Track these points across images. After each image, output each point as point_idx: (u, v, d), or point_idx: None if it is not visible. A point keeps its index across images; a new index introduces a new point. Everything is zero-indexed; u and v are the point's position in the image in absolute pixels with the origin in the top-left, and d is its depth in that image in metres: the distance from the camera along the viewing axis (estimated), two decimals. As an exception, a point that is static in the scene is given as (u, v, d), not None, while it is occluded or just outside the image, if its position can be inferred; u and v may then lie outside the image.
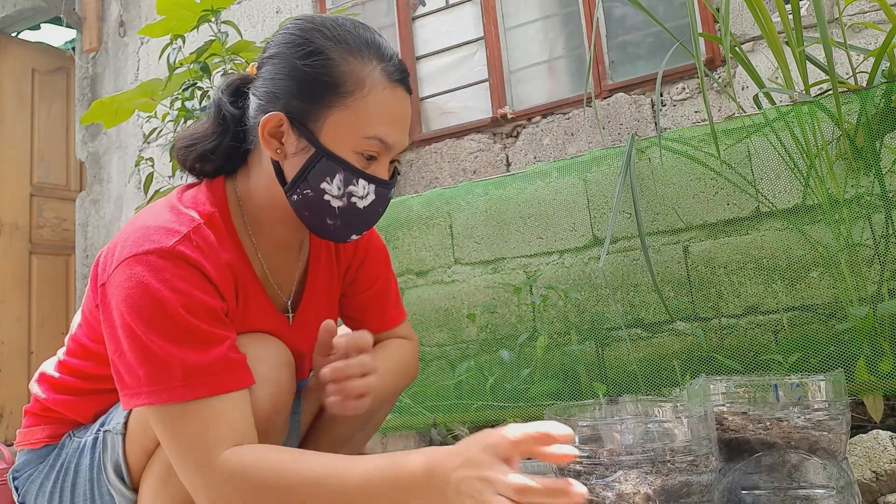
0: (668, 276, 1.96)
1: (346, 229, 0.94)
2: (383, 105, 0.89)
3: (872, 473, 1.34)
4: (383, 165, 0.92)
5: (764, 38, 1.82)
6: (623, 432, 0.94)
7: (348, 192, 0.90)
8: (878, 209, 1.69)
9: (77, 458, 0.99)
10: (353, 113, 0.88)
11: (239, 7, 3.44)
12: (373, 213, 0.94)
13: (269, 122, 0.90)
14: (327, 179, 0.89)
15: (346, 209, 0.91)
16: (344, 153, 0.89)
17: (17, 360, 3.91)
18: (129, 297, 0.82)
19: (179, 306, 0.82)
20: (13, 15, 4.12)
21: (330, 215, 0.92)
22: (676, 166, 1.96)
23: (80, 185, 4.26)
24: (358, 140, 0.88)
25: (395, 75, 0.91)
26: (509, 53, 2.97)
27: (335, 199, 0.90)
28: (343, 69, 0.88)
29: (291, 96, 0.89)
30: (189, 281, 0.84)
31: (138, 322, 0.81)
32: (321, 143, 0.88)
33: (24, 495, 1.04)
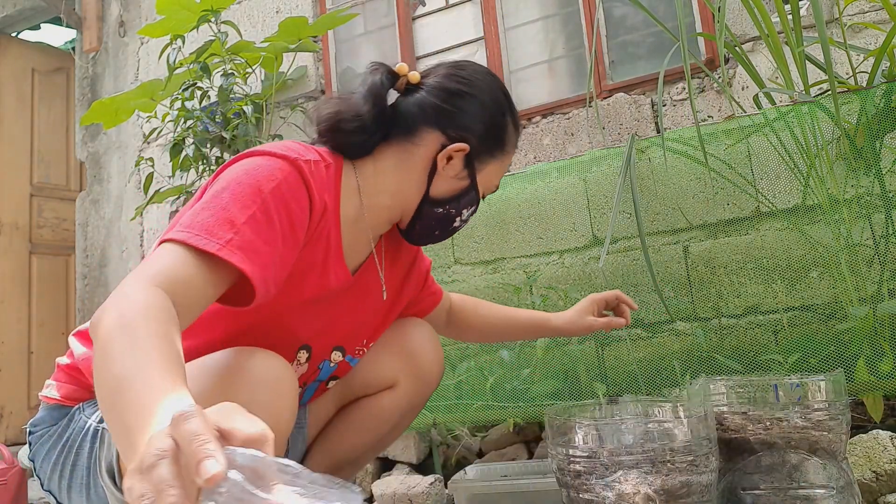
0: (668, 276, 1.96)
1: (434, 238, 1.14)
2: (507, 166, 1.15)
3: (872, 473, 1.34)
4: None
5: (762, 38, 1.82)
6: (623, 432, 0.94)
7: (466, 219, 1.14)
8: (878, 209, 1.69)
9: (80, 440, 0.96)
10: (500, 166, 1.12)
11: (239, 7, 3.44)
12: (453, 231, 1.15)
13: (456, 147, 1.05)
14: (468, 208, 1.11)
15: (454, 229, 1.14)
16: (482, 191, 1.12)
17: (17, 360, 3.91)
18: (237, 174, 0.89)
19: (277, 201, 0.87)
20: (13, 15, 4.12)
21: (443, 231, 1.13)
22: (676, 166, 1.96)
23: (80, 185, 4.26)
24: (491, 186, 1.13)
25: (515, 147, 1.16)
26: (509, 53, 2.96)
27: (458, 219, 1.12)
28: (511, 133, 1.11)
29: (479, 138, 1.07)
30: (295, 190, 0.91)
31: (236, 189, 0.85)
32: (476, 180, 1.09)
33: (34, 453, 1.03)
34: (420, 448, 2.16)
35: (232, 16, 3.35)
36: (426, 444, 2.13)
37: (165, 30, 2.58)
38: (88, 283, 3.83)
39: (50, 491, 1.03)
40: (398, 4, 3.17)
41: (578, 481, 0.93)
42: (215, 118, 2.58)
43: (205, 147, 2.61)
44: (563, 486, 0.99)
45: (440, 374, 1.27)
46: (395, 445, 2.14)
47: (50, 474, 1.01)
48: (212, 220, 0.81)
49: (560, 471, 0.98)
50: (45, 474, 1.02)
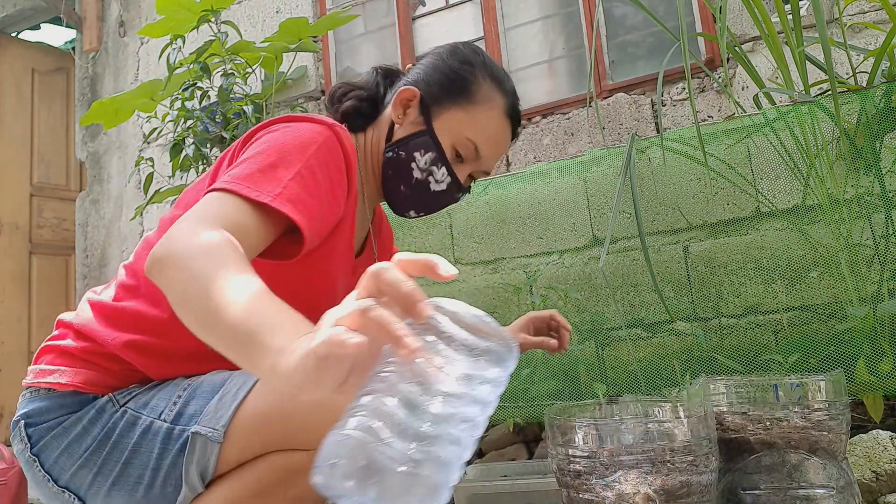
0: (668, 276, 1.96)
1: (410, 202, 1.09)
2: (492, 125, 1.07)
3: (872, 473, 1.34)
4: (465, 172, 1.08)
5: (763, 38, 1.82)
6: (623, 432, 0.94)
7: (429, 170, 1.05)
8: (878, 209, 1.69)
9: (137, 438, 0.89)
10: (469, 116, 1.05)
11: (239, 7, 3.44)
12: (436, 200, 1.08)
13: (405, 92, 1.06)
14: (420, 151, 1.05)
15: (421, 184, 1.06)
16: (444, 142, 1.05)
17: (17, 360, 3.91)
18: (282, 133, 0.91)
19: (319, 163, 0.90)
20: (13, 15, 4.12)
21: (405, 183, 1.07)
22: (676, 166, 1.96)
23: (80, 185, 4.26)
24: (460, 137, 1.05)
25: (512, 113, 1.10)
26: (509, 53, 2.96)
27: (418, 170, 1.05)
28: (481, 84, 1.06)
29: (432, 83, 1.07)
30: (336, 153, 0.94)
31: (279, 146, 0.88)
32: (432, 126, 1.05)
33: (39, 449, 0.92)
34: (420, 448, 2.15)
35: (232, 16, 3.35)
36: (426, 444, 2.13)
37: (165, 30, 2.58)
38: (88, 283, 3.83)
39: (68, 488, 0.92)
40: (398, 4, 3.17)
41: (578, 481, 0.93)
42: (215, 118, 2.58)
43: (205, 147, 2.61)
44: (563, 486, 0.99)
45: None
46: (395, 445, 2.13)
47: (77, 470, 0.91)
48: (259, 175, 0.83)
49: (560, 471, 0.98)
50: (64, 470, 0.92)
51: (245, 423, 0.85)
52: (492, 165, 1.11)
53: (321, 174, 0.89)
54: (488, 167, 1.11)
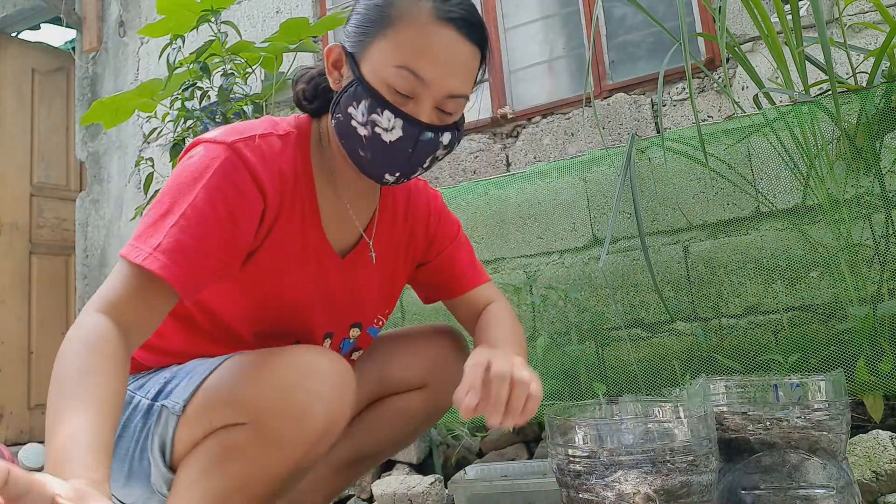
0: (668, 276, 1.96)
1: (376, 164, 0.94)
2: (422, 38, 0.88)
3: (872, 473, 1.34)
4: (423, 106, 0.90)
5: (762, 38, 1.82)
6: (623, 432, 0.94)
7: (372, 121, 0.90)
8: (878, 209, 1.69)
9: (129, 414, 0.98)
10: (390, 43, 0.89)
11: (239, 7, 3.44)
12: (401, 151, 0.92)
13: (330, 53, 0.96)
14: (353, 104, 0.91)
15: (372, 140, 0.91)
16: (376, 83, 0.90)
17: (17, 360, 3.91)
18: (178, 171, 0.90)
19: (208, 194, 0.87)
20: (13, 15, 4.12)
21: (360, 145, 0.93)
22: (676, 166, 1.96)
23: (80, 185, 4.26)
24: (390, 70, 0.89)
25: (446, 14, 0.90)
26: (509, 53, 2.96)
27: (360, 125, 0.91)
28: (395, 4, 0.91)
29: (351, 30, 0.95)
30: (232, 177, 0.89)
31: (171, 191, 0.88)
32: (360, 71, 0.91)
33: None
34: (420, 448, 2.16)
35: (232, 16, 3.35)
36: (426, 444, 2.13)
37: (165, 30, 2.58)
38: (88, 283, 3.83)
39: None
40: (398, 4, 3.17)
41: (578, 481, 0.93)
42: (215, 118, 2.58)
43: (205, 147, 2.60)
44: (563, 486, 0.99)
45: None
46: (395, 445, 2.14)
47: None
48: (150, 229, 0.86)
49: (560, 471, 0.98)
50: None
51: (200, 399, 0.91)
52: (452, 85, 0.91)
53: (214, 205, 0.87)
54: (447, 88, 0.91)
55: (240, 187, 0.89)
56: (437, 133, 0.93)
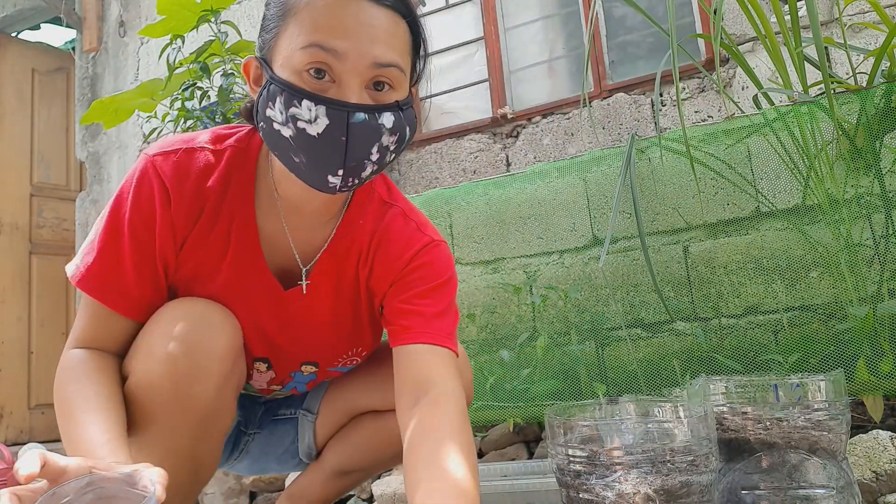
0: (668, 276, 1.96)
1: (315, 167, 0.82)
2: (324, 10, 0.79)
3: (872, 473, 1.34)
4: (348, 86, 0.79)
5: (759, 39, 1.82)
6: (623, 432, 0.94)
7: (292, 116, 0.79)
8: (878, 209, 1.69)
9: None
10: (293, 28, 0.80)
11: (239, 7, 3.44)
12: (333, 142, 0.79)
13: (247, 69, 0.88)
14: (270, 105, 0.81)
15: (299, 138, 0.80)
16: (288, 75, 0.80)
17: (17, 360, 3.91)
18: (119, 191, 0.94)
19: (128, 211, 0.91)
20: (13, 15, 4.12)
21: (291, 150, 0.82)
22: (676, 166, 1.96)
23: (80, 185, 4.26)
24: (297, 54, 0.79)
25: None
26: (509, 53, 2.96)
27: (283, 126, 0.80)
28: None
29: (260, 37, 0.87)
30: (146, 192, 0.91)
31: (106, 210, 0.93)
32: (272, 70, 0.82)
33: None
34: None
35: (232, 16, 3.35)
36: (426, 444, 2.13)
37: (165, 30, 2.58)
38: (88, 283, 3.83)
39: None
40: (398, 4, 3.17)
41: (578, 481, 0.93)
42: (215, 118, 2.58)
43: (205, 147, 2.60)
44: (563, 486, 0.99)
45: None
46: (395, 445, 2.13)
47: None
48: (85, 247, 0.95)
49: (560, 471, 0.97)
50: None
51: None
52: (374, 53, 0.79)
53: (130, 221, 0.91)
54: (368, 57, 0.79)
55: (149, 200, 0.91)
56: (373, 113, 0.80)
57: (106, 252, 0.91)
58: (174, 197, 0.91)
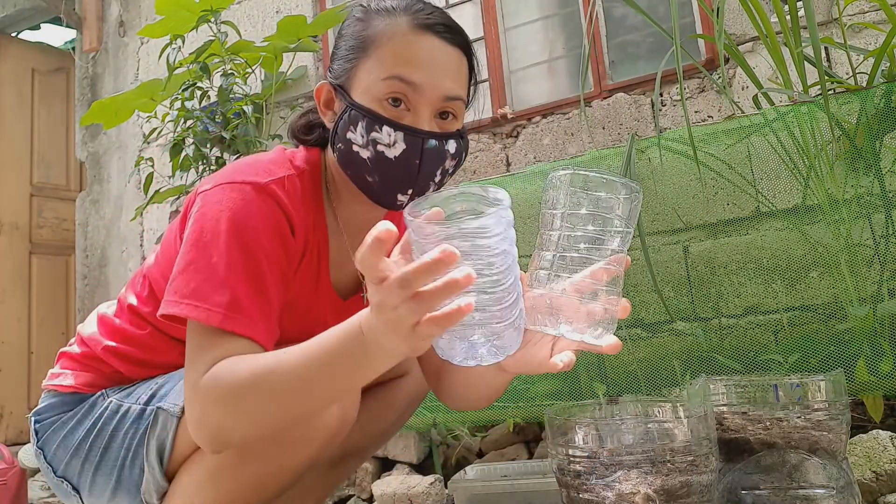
0: (668, 276, 1.96)
1: (387, 186, 0.92)
2: (403, 46, 0.89)
3: (872, 473, 1.34)
4: (420, 114, 0.89)
5: (761, 39, 1.82)
6: (623, 432, 0.94)
7: (372, 140, 0.89)
8: (878, 209, 1.69)
9: (116, 422, 0.97)
10: (374, 60, 0.90)
11: (239, 7, 3.44)
12: (407, 165, 0.90)
13: (319, 93, 0.96)
14: (351, 128, 0.90)
15: (377, 160, 0.89)
16: (368, 102, 0.89)
17: (17, 360, 3.91)
18: (214, 214, 0.87)
19: (256, 240, 0.86)
20: (13, 15, 4.12)
21: (367, 170, 0.91)
22: (676, 166, 1.96)
23: (80, 185, 4.26)
24: (378, 84, 0.88)
25: (425, 21, 0.90)
26: (509, 53, 2.96)
27: (362, 148, 0.90)
28: (371, 26, 0.92)
29: (336, 64, 0.95)
30: (272, 219, 0.88)
31: (214, 239, 0.85)
32: (351, 97, 0.91)
33: (43, 442, 1.03)
34: (420, 448, 2.15)
35: (232, 16, 3.35)
36: (426, 444, 2.13)
37: (165, 30, 2.58)
38: (88, 283, 3.83)
39: (65, 477, 1.02)
40: (398, 4, 3.17)
41: (578, 481, 0.93)
42: (215, 118, 2.58)
43: (205, 147, 2.61)
44: (563, 486, 0.99)
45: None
46: (395, 445, 2.14)
47: (69, 460, 1.00)
48: (206, 285, 0.84)
49: (560, 471, 0.98)
50: (60, 461, 1.01)
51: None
52: (446, 87, 0.90)
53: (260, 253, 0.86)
54: (442, 90, 0.89)
55: (281, 231, 0.89)
56: (441, 140, 0.91)
57: (243, 286, 0.84)
58: (296, 226, 0.92)
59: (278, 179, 0.91)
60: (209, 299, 0.83)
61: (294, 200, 0.92)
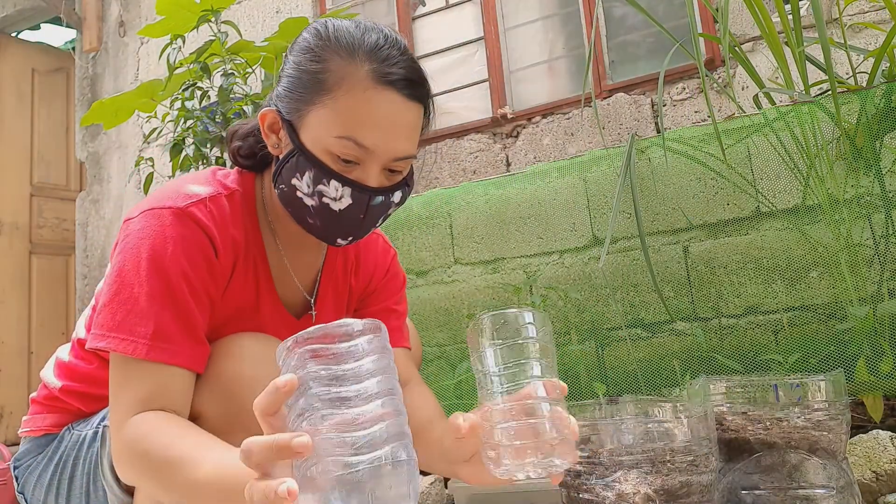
0: (668, 276, 1.96)
1: (327, 231, 0.92)
2: (361, 106, 0.84)
3: (872, 473, 1.34)
4: (369, 171, 0.87)
5: (763, 38, 1.82)
6: (623, 432, 0.94)
7: (318, 192, 0.87)
8: (878, 209, 1.69)
9: (76, 451, 0.99)
10: (329, 111, 0.85)
11: (239, 7, 3.44)
12: (352, 218, 0.89)
13: (265, 118, 0.92)
14: (297, 176, 0.88)
15: (321, 210, 0.89)
16: (318, 152, 0.86)
17: (17, 360, 3.91)
18: (135, 244, 0.86)
19: (175, 266, 0.85)
20: (13, 15, 4.12)
21: (308, 214, 0.91)
22: (676, 166, 1.96)
23: (80, 185, 4.26)
24: (331, 140, 0.85)
25: (386, 77, 0.85)
26: (509, 53, 2.96)
27: (307, 196, 0.89)
28: (328, 66, 0.86)
29: (286, 94, 0.90)
30: (192, 242, 0.87)
31: (135, 268, 0.85)
32: (300, 140, 0.88)
33: (23, 486, 1.05)
34: (420, 448, 2.15)
35: (232, 16, 3.35)
36: (426, 444, 2.13)
37: (165, 30, 2.58)
38: (88, 283, 3.83)
39: None
40: (398, 4, 3.17)
41: (578, 481, 0.93)
42: (215, 118, 2.58)
43: (205, 147, 2.61)
44: (562, 486, 0.99)
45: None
46: (395, 445, 2.13)
47: (45, 498, 1.03)
48: (130, 317, 0.84)
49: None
50: (38, 500, 1.04)
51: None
52: (398, 149, 0.87)
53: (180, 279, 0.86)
54: (393, 153, 0.87)
55: (202, 251, 0.88)
56: (388, 195, 0.90)
57: (166, 313, 0.84)
58: (219, 247, 0.90)
59: (199, 201, 0.90)
60: (134, 331, 0.83)
61: (218, 220, 0.91)
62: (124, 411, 0.82)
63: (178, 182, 0.93)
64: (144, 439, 0.78)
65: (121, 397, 0.83)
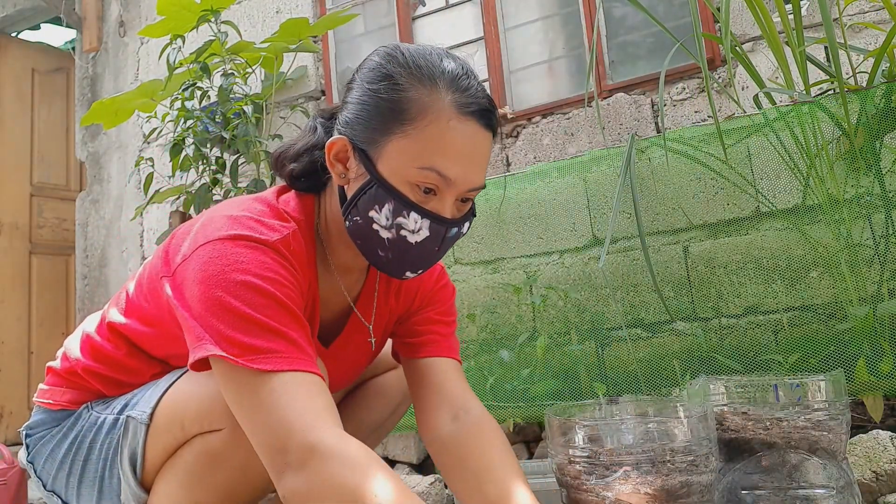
0: (668, 276, 1.96)
1: (399, 264, 0.91)
2: (445, 136, 0.84)
3: (872, 473, 1.34)
4: (445, 201, 0.87)
5: (764, 38, 1.82)
6: (623, 432, 0.94)
7: (397, 224, 0.86)
8: (878, 209, 1.69)
9: (93, 434, 0.98)
10: (411, 142, 0.84)
11: (239, 7, 3.44)
12: (427, 250, 0.89)
13: (333, 146, 0.90)
14: (376, 208, 0.87)
15: (397, 242, 0.88)
16: (398, 183, 0.85)
17: (17, 360, 3.91)
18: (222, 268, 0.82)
19: (283, 287, 0.84)
20: (13, 15, 4.12)
21: (381, 246, 0.89)
22: (676, 166, 1.96)
23: (80, 185, 4.26)
24: (413, 170, 0.84)
25: (468, 108, 0.85)
26: (509, 53, 2.96)
27: (384, 229, 0.87)
28: (409, 96, 0.85)
29: (358, 121, 0.88)
30: (287, 273, 0.86)
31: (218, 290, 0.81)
32: (377, 171, 0.86)
33: (33, 456, 1.05)
34: (420, 448, 2.15)
35: (232, 16, 3.35)
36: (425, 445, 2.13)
37: (165, 30, 2.58)
38: (88, 283, 3.83)
39: (54, 491, 1.03)
40: (398, 4, 3.17)
41: (578, 481, 0.93)
42: (215, 118, 2.58)
43: (205, 147, 2.61)
44: (563, 486, 0.99)
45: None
46: (395, 445, 2.14)
47: (56, 474, 1.02)
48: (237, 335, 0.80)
49: (560, 471, 0.98)
50: (48, 475, 1.03)
51: (166, 406, 0.92)
52: (475, 180, 0.88)
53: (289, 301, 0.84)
54: (470, 183, 0.87)
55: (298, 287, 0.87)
56: (460, 226, 0.91)
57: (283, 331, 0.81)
58: (301, 280, 0.89)
59: (283, 239, 0.88)
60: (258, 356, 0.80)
61: (299, 259, 0.90)
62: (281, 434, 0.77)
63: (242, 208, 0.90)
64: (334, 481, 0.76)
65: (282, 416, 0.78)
